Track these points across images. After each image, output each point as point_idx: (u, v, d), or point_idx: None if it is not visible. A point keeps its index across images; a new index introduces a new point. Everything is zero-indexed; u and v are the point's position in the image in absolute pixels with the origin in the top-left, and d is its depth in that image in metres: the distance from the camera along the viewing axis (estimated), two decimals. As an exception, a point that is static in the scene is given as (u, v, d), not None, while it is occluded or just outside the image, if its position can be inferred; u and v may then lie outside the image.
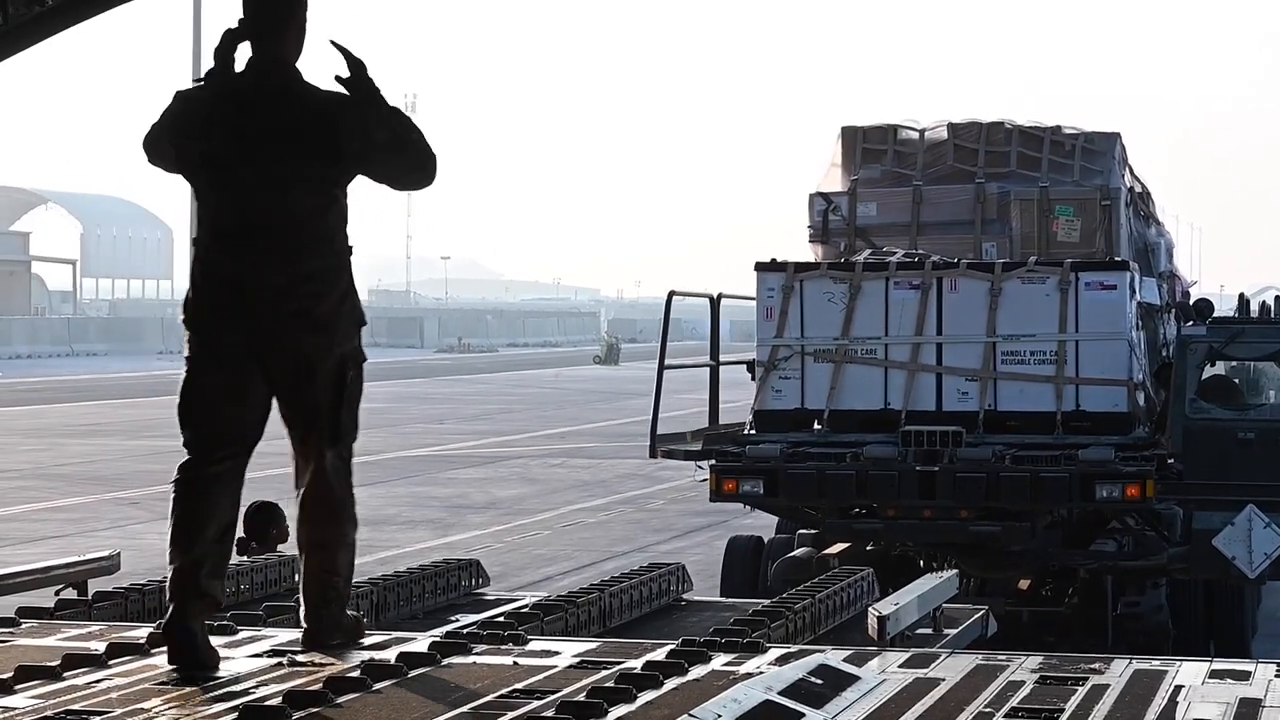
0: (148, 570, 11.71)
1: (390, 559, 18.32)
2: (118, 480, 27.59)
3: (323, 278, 6.46)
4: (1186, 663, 6.51)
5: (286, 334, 6.44)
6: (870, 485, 13.62)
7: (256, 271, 6.40)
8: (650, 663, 6.19)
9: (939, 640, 7.67)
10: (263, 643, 6.77)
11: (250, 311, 6.41)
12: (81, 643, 6.71)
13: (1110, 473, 13.32)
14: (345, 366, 6.55)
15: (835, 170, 17.11)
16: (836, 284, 14.49)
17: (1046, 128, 17.06)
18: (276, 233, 6.42)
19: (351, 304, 6.55)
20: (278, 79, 6.50)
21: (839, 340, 14.38)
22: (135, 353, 74.91)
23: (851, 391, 14.38)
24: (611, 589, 8.23)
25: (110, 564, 8.61)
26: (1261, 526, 13.81)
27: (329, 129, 6.45)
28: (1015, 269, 14.39)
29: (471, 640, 6.74)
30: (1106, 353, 14.07)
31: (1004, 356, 14.16)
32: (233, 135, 6.44)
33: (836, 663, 6.21)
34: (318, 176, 6.46)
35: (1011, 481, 13.37)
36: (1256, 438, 14.76)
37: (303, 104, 6.48)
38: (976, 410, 14.08)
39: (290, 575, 9.03)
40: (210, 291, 6.48)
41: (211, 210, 6.51)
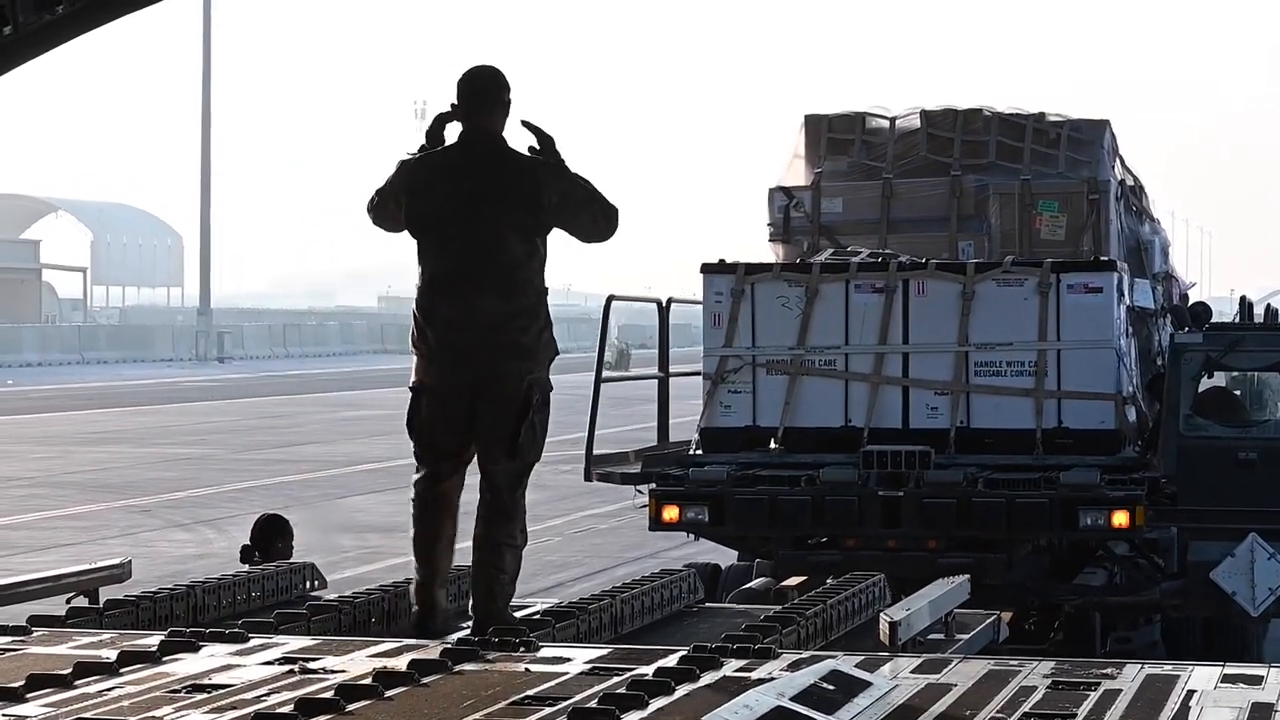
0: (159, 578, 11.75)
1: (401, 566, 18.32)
2: (129, 488, 27.60)
3: (527, 313, 7.61)
4: (1199, 667, 6.50)
5: (496, 362, 7.56)
6: (827, 512, 12.24)
7: (474, 311, 7.54)
8: (662, 669, 6.19)
9: (951, 645, 7.67)
10: (274, 650, 6.77)
11: (467, 344, 7.56)
12: (93, 651, 6.71)
13: (1095, 498, 11.98)
14: (533, 391, 7.62)
15: (798, 162, 15.69)
16: (791, 287, 13.24)
17: (1029, 115, 15.62)
18: (490, 278, 7.56)
19: (549, 337, 7.71)
20: (486, 147, 7.67)
21: (794, 350, 13.11)
22: (146, 360, 74.98)
23: (808, 407, 13.09)
24: (623, 595, 8.22)
25: (121, 572, 8.62)
26: (1265, 558, 12.18)
27: (532, 186, 7.59)
28: (990, 270, 13.09)
29: (483, 647, 6.75)
30: (1092, 363, 12.80)
31: (977, 367, 12.88)
32: (450, 197, 7.61)
33: (848, 668, 6.20)
34: (523, 227, 7.58)
35: (984, 508, 12.01)
36: (1259, 458, 13.26)
37: (508, 166, 7.63)
38: (947, 428, 12.80)
39: (300, 584, 9.03)
40: (432, 331, 7.62)
41: (430, 260, 7.66)
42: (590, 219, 7.74)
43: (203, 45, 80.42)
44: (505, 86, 7.74)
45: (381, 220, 7.86)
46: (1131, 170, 16.36)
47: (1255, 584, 12.15)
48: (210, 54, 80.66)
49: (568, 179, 7.68)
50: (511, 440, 7.59)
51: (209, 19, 79.96)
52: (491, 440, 7.61)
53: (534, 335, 7.64)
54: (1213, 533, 12.60)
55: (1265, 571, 12.16)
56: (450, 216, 7.62)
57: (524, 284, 7.62)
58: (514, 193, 7.61)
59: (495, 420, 7.58)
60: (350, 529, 22.86)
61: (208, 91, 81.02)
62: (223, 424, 40.91)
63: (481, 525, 7.64)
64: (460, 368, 7.59)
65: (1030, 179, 15.05)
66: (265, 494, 26.15)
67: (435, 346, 7.63)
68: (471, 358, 7.57)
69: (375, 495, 26.59)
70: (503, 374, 7.57)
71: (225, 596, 8.34)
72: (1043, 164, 15.24)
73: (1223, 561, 12.18)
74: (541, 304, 7.70)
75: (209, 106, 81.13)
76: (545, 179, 7.63)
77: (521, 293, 7.61)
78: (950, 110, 15.67)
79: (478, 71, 7.76)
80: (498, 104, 7.70)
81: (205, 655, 6.63)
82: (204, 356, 77.69)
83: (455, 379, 7.60)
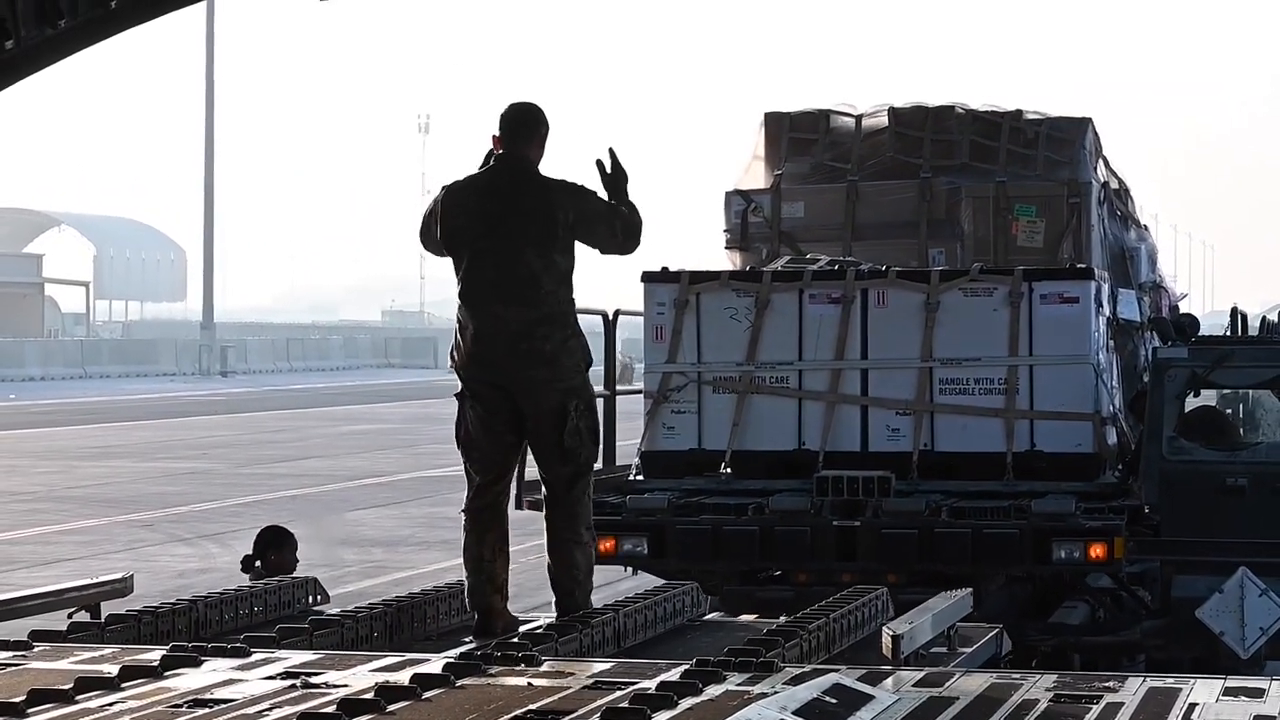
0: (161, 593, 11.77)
1: (405, 580, 18.33)
2: (131, 502, 27.59)
3: (550, 323, 8.04)
4: (1201, 680, 6.50)
5: (520, 370, 8.02)
6: (777, 544, 11.25)
7: (498, 321, 8.03)
8: (665, 683, 6.19)
9: (953, 659, 7.66)
10: (276, 665, 6.76)
11: (493, 353, 8.04)
12: (94, 665, 6.70)
13: (1070, 528, 10.99)
14: (569, 399, 8.05)
15: (757, 164, 14.72)
16: (740, 297, 12.26)
17: (1005, 113, 14.64)
18: (512, 290, 8.03)
19: (574, 346, 8.11)
20: (514, 171, 8.19)
21: (743, 366, 12.17)
22: (149, 374, 74.99)
23: (758, 428, 12.16)
24: (626, 609, 8.21)
25: (123, 586, 8.62)
26: (1256, 595, 11.18)
27: (548, 204, 8.10)
28: (956, 278, 12.09)
29: (486, 661, 6.74)
30: (1067, 380, 11.83)
31: (943, 385, 11.94)
32: (477, 215, 8.16)
33: (851, 682, 6.20)
34: (540, 242, 8.06)
35: (948, 540, 11.03)
36: (1249, 484, 12.00)
37: (529, 186, 8.17)
38: (909, 451, 11.86)
39: (304, 598, 9.02)
40: (467, 340, 8.10)
41: (464, 275, 8.15)
42: (609, 233, 8.19)
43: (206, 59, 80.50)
44: (543, 122, 8.34)
45: (427, 242, 8.38)
46: (1116, 172, 15.55)
47: (1245, 623, 11.20)
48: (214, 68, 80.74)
49: (584, 196, 8.16)
50: (559, 449, 8.08)
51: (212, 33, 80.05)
52: (541, 448, 8.16)
53: (557, 344, 8.06)
54: (1199, 566, 11.67)
55: (1256, 609, 11.21)
56: (478, 233, 8.13)
57: (547, 295, 8.06)
58: (532, 210, 8.12)
59: (539, 430, 8.10)
60: (353, 543, 22.84)
61: (211, 106, 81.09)
62: (225, 438, 40.90)
63: (549, 529, 8.18)
64: (490, 374, 8.08)
65: (1006, 181, 14.13)
66: (268, 508, 26.13)
67: (467, 356, 8.13)
68: (498, 365, 8.06)
69: (378, 510, 26.58)
70: (530, 382, 8.04)
71: (227, 611, 8.33)
72: (1019, 165, 14.34)
73: (1209, 598, 11.28)
74: (568, 314, 8.14)
75: (212, 121, 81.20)
76: (560, 198, 8.13)
77: (544, 303, 8.06)
78: (920, 107, 14.80)
79: (519, 106, 8.36)
80: (534, 136, 8.28)
81: (207, 670, 6.63)
82: (207, 371, 77.70)
83: (487, 387, 8.10)
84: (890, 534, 11.17)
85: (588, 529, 8.22)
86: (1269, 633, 11.18)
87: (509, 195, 8.18)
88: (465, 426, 8.20)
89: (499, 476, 8.22)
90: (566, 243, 8.14)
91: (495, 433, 8.15)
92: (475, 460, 8.21)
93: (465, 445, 8.22)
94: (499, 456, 8.21)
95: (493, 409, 8.11)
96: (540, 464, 8.21)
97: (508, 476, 8.29)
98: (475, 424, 8.17)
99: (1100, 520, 11.11)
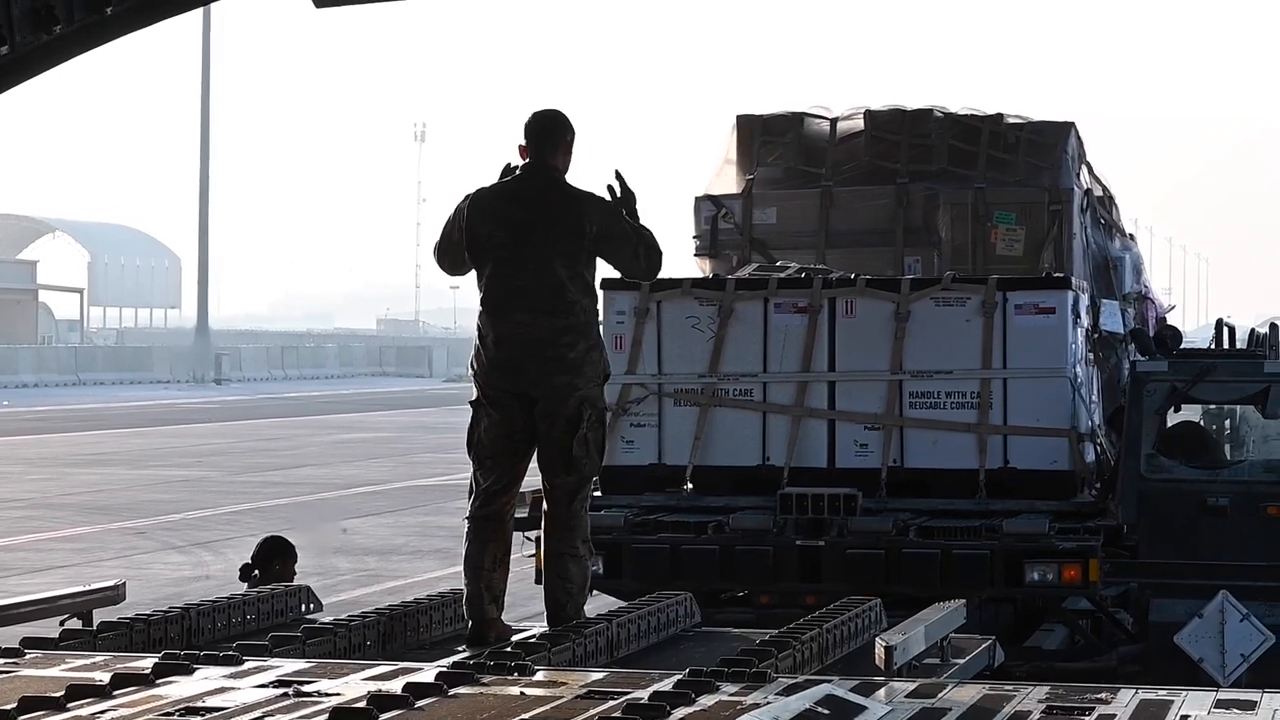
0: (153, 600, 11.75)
1: (398, 589, 18.30)
2: (124, 510, 27.56)
3: (574, 331, 8.04)
4: (1192, 692, 6.50)
5: (544, 375, 8.00)
6: (738, 564, 10.85)
7: (523, 328, 8.00)
8: (657, 693, 6.18)
9: (946, 670, 7.65)
10: (268, 673, 6.75)
11: (517, 359, 8.01)
12: (86, 673, 6.69)
13: (1043, 549, 10.59)
14: (584, 407, 8.04)
15: (729, 168, 14.27)
16: (703, 306, 11.84)
17: (985, 117, 14.16)
18: (538, 297, 8.01)
19: (595, 357, 8.09)
20: (541, 179, 8.16)
21: (705, 378, 11.76)
22: (143, 381, 74.93)
23: (721, 443, 11.73)
24: (619, 619, 8.20)
25: (115, 594, 8.60)
26: (1237, 619, 10.72)
27: (576, 214, 8.09)
28: (927, 287, 11.68)
29: (478, 670, 6.73)
30: (1043, 394, 11.41)
31: (913, 399, 11.50)
32: (503, 222, 8.11)
33: (843, 693, 6.20)
34: (566, 252, 8.04)
35: (916, 560, 10.63)
36: (1231, 504, 11.53)
37: (557, 195, 8.15)
38: (878, 467, 11.46)
39: (297, 606, 9.00)
40: (485, 348, 8.09)
41: (487, 281, 8.12)
42: (631, 254, 8.17)
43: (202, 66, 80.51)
44: (569, 129, 8.27)
45: (445, 254, 8.32)
46: (1101, 179, 15.11)
47: (1226, 649, 10.71)
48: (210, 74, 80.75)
49: (611, 214, 8.16)
50: (566, 455, 8.04)
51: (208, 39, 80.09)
52: (548, 456, 8.09)
53: (581, 352, 8.06)
54: (1178, 589, 11.23)
55: (1237, 635, 10.74)
56: (503, 240, 8.12)
57: (571, 304, 8.07)
58: (560, 220, 8.11)
59: (550, 437, 8.05)
60: (347, 551, 22.81)
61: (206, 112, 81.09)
62: (219, 446, 40.87)
63: (546, 539, 8.18)
64: (511, 381, 8.07)
65: (985, 187, 13.66)
66: (261, 516, 26.11)
67: (488, 362, 8.10)
68: (521, 372, 8.04)
69: (372, 518, 26.55)
70: (552, 388, 8.02)
71: (220, 619, 8.32)
72: (999, 171, 13.87)
73: (1189, 623, 10.83)
74: (591, 325, 8.17)
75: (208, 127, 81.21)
76: (588, 210, 8.13)
77: (570, 312, 8.06)
78: (898, 111, 14.36)
79: (544, 114, 8.29)
80: (561, 143, 8.23)
81: (199, 678, 6.61)
82: (201, 378, 77.63)
83: (507, 393, 8.08)
84: (856, 554, 10.76)
85: (585, 543, 8.19)
86: (1250, 659, 10.68)
87: (537, 204, 8.15)
88: (478, 434, 8.17)
89: (507, 487, 8.21)
90: (590, 255, 8.14)
91: (509, 442, 8.12)
92: (486, 468, 8.18)
93: (477, 453, 8.19)
94: (510, 466, 8.19)
95: (509, 417, 8.08)
96: (545, 471, 8.15)
97: (515, 487, 8.27)
98: (489, 432, 8.14)
99: (1075, 541, 10.71)
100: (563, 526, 8.14)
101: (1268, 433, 12.47)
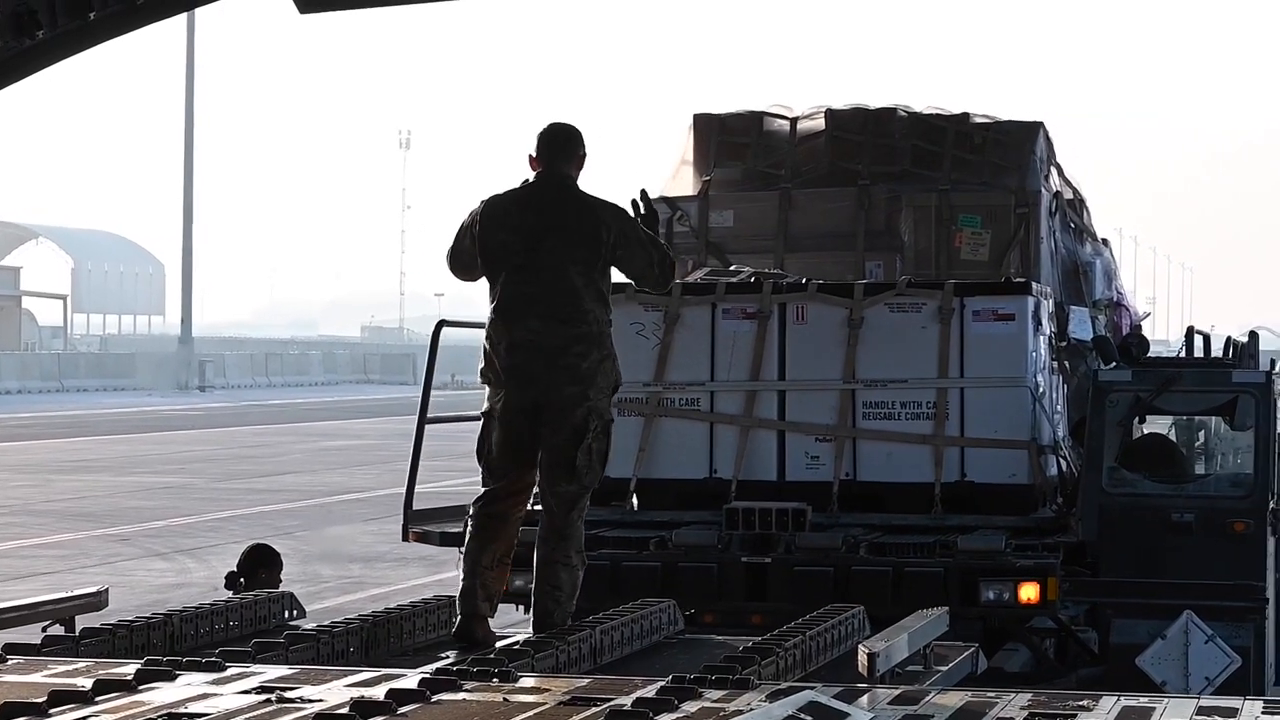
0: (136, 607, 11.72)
1: (382, 596, 18.29)
2: (107, 516, 27.52)
3: (587, 341, 8.06)
4: (1174, 699, 6.51)
5: (555, 384, 8.02)
6: (681, 582, 10.18)
7: (536, 336, 8.02)
8: (641, 699, 6.18)
9: (929, 677, 7.65)
10: (251, 679, 6.74)
11: (530, 367, 8.03)
12: (68, 679, 6.68)
13: (999, 567, 10.10)
14: (590, 418, 8.07)
15: (685, 169, 13.62)
16: (648, 311, 11.34)
17: (950, 116, 13.54)
18: (552, 305, 8.03)
19: (609, 367, 8.13)
20: (556, 186, 8.18)
21: (650, 386, 11.30)
22: (126, 388, 74.81)
23: (666, 455, 11.28)
24: (603, 625, 8.21)
25: (98, 600, 8.57)
26: (1202, 641, 10.37)
27: (593, 222, 8.11)
28: (881, 292, 11.21)
29: (461, 677, 6.73)
30: (1002, 404, 10.95)
31: (866, 409, 11.06)
32: (518, 229, 8.12)
33: (826, 699, 6.19)
34: (583, 260, 8.05)
35: (867, 578, 10.10)
36: (1196, 520, 10.97)
37: (573, 203, 8.17)
38: (829, 480, 11.00)
39: (280, 612, 9.00)
40: (498, 356, 8.10)
41: (500, 288, 8.12)
42: (647, 263, 8.22)
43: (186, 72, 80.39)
44: (581, 143, 8.31)
45: (457, 261, 8.31)
46: (1072, 181, 14.29)
47: (1190, 672, 10.38)
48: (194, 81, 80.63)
49: (629, 221, 8.19)
50: (570, 465, 8.08)
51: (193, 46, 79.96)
52: (551, 464, 8.12)
53: (594, 362, 8.09)
54: (1140, 609, 10.76)
55: (1201, 657, 10.40)
56: (518, 247, 8.12)
57: (586, 313, 8.08)
58: (576, 227, 8.12)
59: (554, 445, 8.08)
60: (331, 559, 22.79)
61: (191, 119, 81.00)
62: (203, 453, 40.82)
63: (540, 546, 8.18)
64: (523, 390, 8.08)
65: (949, 189, 13.05)
66: (245, 523, 26.08)
67: (500, 370, 8.12)
68: (533, 380, 8.06)
69: (357, 525, 26.52)
70: (562, 398, 8.04)
71: (203, 625, 8.31)
72: (964, 172, 13.23)
73: (1151, 645, 10.51)
74: (604, 335, 8.15)
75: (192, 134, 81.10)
76: (606, 218, 8.14)
77: (584, 321, 8.08)
78: (860, 110, 13.72)
79: (559, 125, 8.32)
80: (573, 155, 8.26)
81: (182, 684, 6.61)
82: (185, 385, 77.51)
83: (519, 401, 8.09)
84: (804, 571, 10.29)
85: (578, 552, 8.25)
86: (1215, 683, 10.27)
87: (552, 211, 8.15)
88: (489, 445, 8.22)
89: (516, 491, 8.26)
90: (607, 263, 8.16)
91: (517, 454, 8.16)
92: (496, 476, 8.23)
93: (487, 463, 8.24)
94: (518, 473, 8.23)
95: (519, 432, 8.12)
96: (545, 481, 8.18)
97: (525, 493, 8.30)
98: (499, 445, 8.19)
99: (1033, 558, 10.26)
100: (559, 535, 8.17)
101: (1237, 445, 11.95)
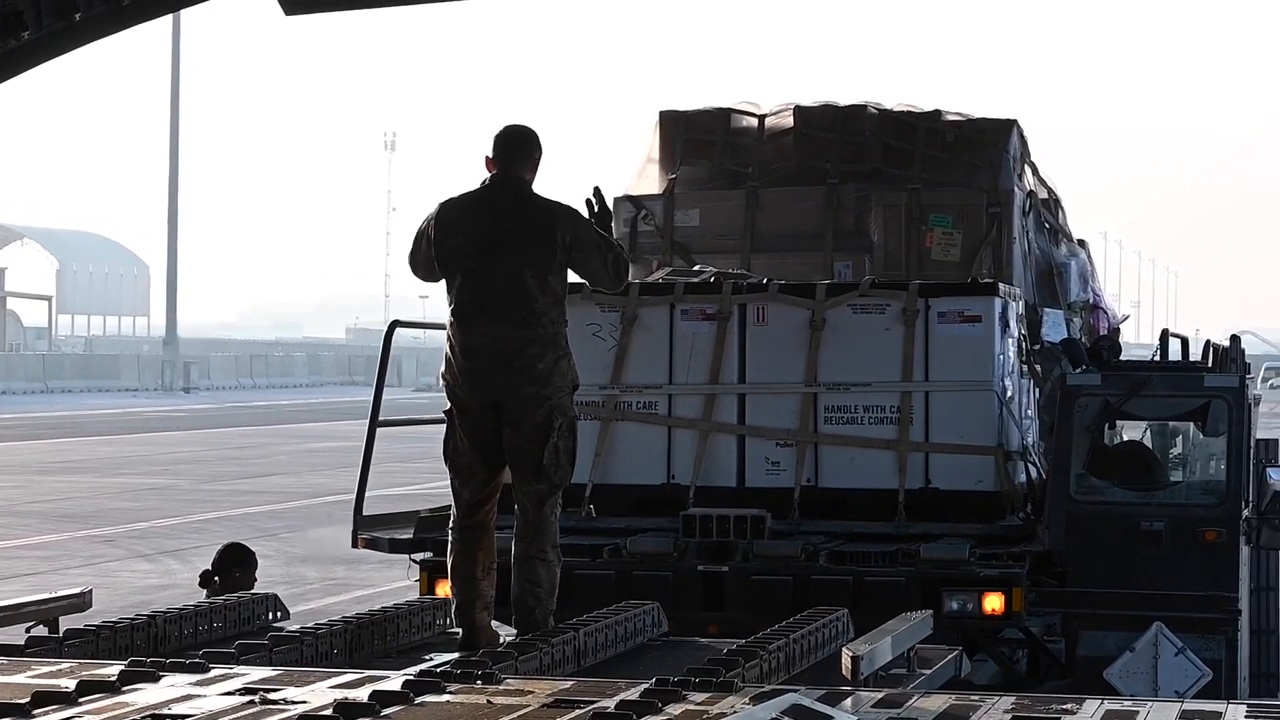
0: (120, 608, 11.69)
1: (366, 597, 18.29)
2: (91, 518, 27.49)
3: (542, 342, 8.08)
4: (1157, 703, 6.52)
5: (512, 386, 8.07)
6: (636, 591, 9.75)
7: (492, 339, 8.07)
8: (624, 702, 6.18)
9: (913, 680, 7.66)
10: (235, 680, 6.74)
11: (486, 370, 8.08)
12: (51, 680, 6.67)
13: (962, 576, 9.81)
14: (554, 417, 8.11)
15: (651, 167, 13.33)
16: (605, 312, 11.05)
17: (921, 113, 13.22)
18: (506, 308, 8.07)
19: (565, 366, 8.15)
20: (509, 190, 8.22)
21: (607, 389, 11.00)
22: (111, 390, 74.71)
23: (623, 459, 11.00)
24: (586, 627, 8.21)
25: (82, 601, 8.57)
26: (1171, 654, 10.12)
27: (548, 224, 8.14)
28: (844, 293, 10.90)
29: (445, 679, 6.72)
30: (968, 409, 10.64)
31: (828, 413, 10.75)
32: (472, 233, 8.16)
33: (810, 702, 6.20)
34: (537, 263, 8.08)
35: (826, 588, 9.78)
36: (1166, 529, 10.63)
37: (527, 206, 8.21)
38: (790, 487, 10.69)
39: (264, 614, 8.99)
40: (455, 359, 8.14)
41: (457, 292, 8.18)
42: (601, 264, 8.25)
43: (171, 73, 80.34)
44: (537, 146, 8.34)
45: (416, 263, 8.36)
46: (1046, 181, 14.02)
47: (1159, 685, 10.10)
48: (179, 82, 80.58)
49: (583, 223, 8.23)
50: (536, 465, 8.13)
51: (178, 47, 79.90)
52: (519, 465, 8.17)
53: (549, 363, 8.13)
54: (1108, 621, 10.47)
55: (1171, 670, 10.16)
56: (471, 251, 8.17)
57: (540, 315, 8.11)
58: (530, 230, 8.15)
59: (520, 445, 8.13)
60: (315, 561, 22.78)
61: (176, 120, 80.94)
62: (188, 454, 40.78)
63: (516, 544, 8.22)
64: (481, 391, 8.13)
65: (920, 189, 12.70)
66: (230, 525, 26.05)
67: (459, 373, 8.17)
68: (490, 382, 8.12)
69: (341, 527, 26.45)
70: (521, 399, 8.09)
71: (187, 627, 8.30)
72: (936, 171, 12.90)
73: (1120, 657, 10.24)
74: (559, 335, 8.18)
75: (177, 135, 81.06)
76: (560, 220, 8.17)
77: (538, 323, 8.11)
78: (829, 107, 13.37)
79: (514, 128, 8.36)
80: (529, 159, 8.30)
81: (165, 685, 6.60)
82: (169, 387, 77.46)
83: (478, 403, 8.14)
84: (761, 580, 10.04)
85: (554, 548, 8.27)
86: (1186, 695, 9.88)
87: (507, 214, 8.20)
88: (454, 443, 8.24)
89: (488, 496, 8.29)
90: (562, 265, 8.19)
91: (482, 452, 8.19)
92: (464, 477, 8.25)
93: (453, 462, 8.26)
94: (487, 475, 8.27)
95: (480, 428, 8.16)
96: (516, 481, 8.21)
97: (496, 495, 8.33)
98: (464, 442, 8.22)
99: (998, 568, 9.96)
100: (532, 530, 8.22)
101: (1211, 451, 11.62)
